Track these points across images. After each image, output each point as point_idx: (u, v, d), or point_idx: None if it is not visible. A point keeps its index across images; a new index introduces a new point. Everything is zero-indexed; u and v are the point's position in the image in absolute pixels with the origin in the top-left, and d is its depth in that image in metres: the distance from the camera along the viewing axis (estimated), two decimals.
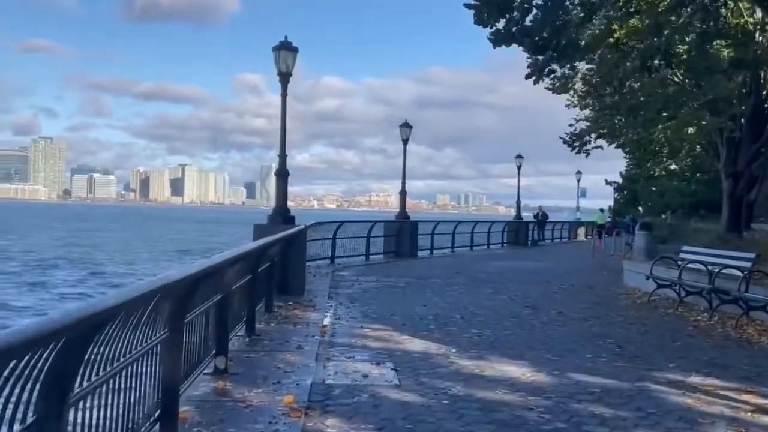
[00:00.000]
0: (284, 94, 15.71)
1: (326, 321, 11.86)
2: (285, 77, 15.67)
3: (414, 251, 28.93)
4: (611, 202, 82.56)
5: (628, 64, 24.33)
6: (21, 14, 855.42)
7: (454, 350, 9.57)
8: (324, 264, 23.04)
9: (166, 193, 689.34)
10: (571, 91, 32.49)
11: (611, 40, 21.83)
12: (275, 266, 13.13)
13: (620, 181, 73.22)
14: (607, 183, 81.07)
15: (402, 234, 28.40)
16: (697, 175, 52.08)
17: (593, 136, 34.58)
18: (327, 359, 8.82)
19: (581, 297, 16.10)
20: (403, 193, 29.91)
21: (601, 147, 36.00)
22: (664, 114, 31.98)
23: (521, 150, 44.95)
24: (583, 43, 23.29)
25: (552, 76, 30.41)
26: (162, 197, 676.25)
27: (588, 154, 35.80)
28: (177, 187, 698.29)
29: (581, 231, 57.54)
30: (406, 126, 29.54)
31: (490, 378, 7.97)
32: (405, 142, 29.35)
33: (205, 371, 7.45)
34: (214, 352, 7.73)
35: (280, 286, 14.61)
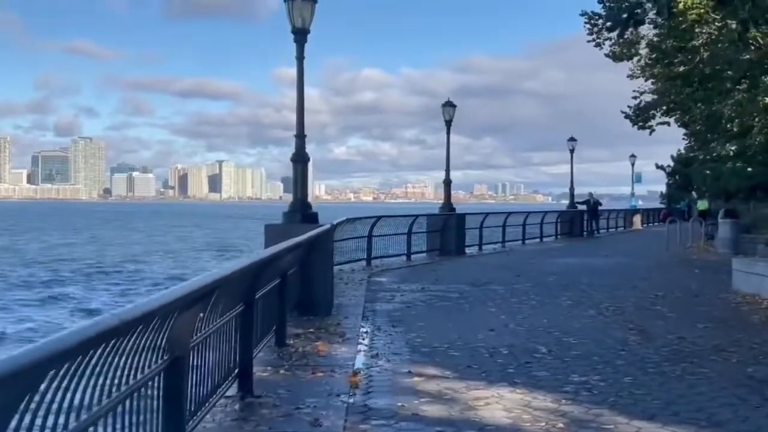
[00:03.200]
0: (301, 57, 12.24)
1: (359, 362, 8.38)
2: (301, 34, 12.19)
3: (461, 248, 25.36)
4: (663, 188, 78.00)
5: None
6: (64, 16, 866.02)
7: (560, 421, 6.04)
8: (359, 267, 19.61)
9: (204, 190, 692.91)
10: (635, 59, 28.58)
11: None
12: (290, 280, 9.70)
13: (672, 164, 68.86)
14: (658, 167, 76.48)
15: (447, 229, 24.83)
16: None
17: (659, 110, 30.66)
18: None
19: (692, 310, 12.38)
20: (447, 183, 26.33)
21: (668, 123, 32.06)
22: (742, 84, 28.06)
23: (562, 137, 41.10)
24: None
25: (613, 41, 26.64)
26: (200, 194, 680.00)
27: (652, 130, 31.90)
28: (214, 183, 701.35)
29: (637, 219, 53.33)
30: (450, 105, 25.93)
31: None
32: (448, 123, 25.76)
33: None
34: None
35: (300, 303, 11.20)
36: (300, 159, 12.08)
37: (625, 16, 19.43)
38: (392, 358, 8.59)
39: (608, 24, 21.77)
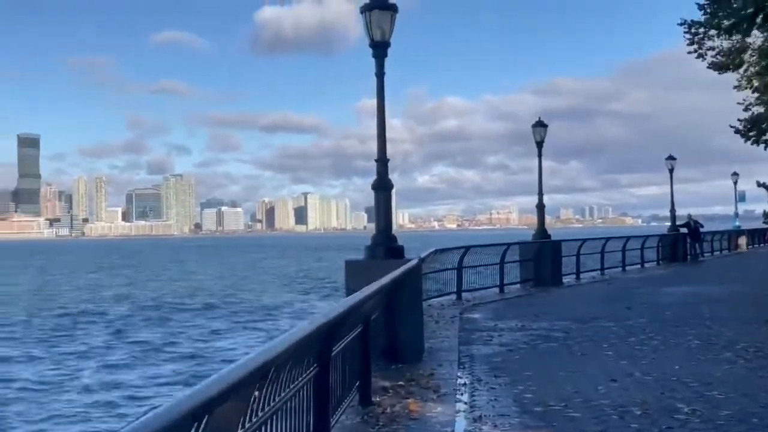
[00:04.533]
0: (381, 73, 10.98)
1: (459, 428, 6.93)
2: (381, 48, 10.94)
3: (558, 278, 23.54)
4: (766, 206, 73.51)
5: None
6: (154, 57, 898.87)
7: None
8: (448, 301, 18.13)
9: (290, 222, 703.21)
10: (742, 69, 26.34)
11: None
12: (374, 325, 8.36)
13: None
14: (760, 185, 72.23)
15: (542, 257, 23.09)
16: None
17: None
18: None
19: None
20: (540, 208, 24.59)
21: None
22: None
23: (649, 157, 38.60)
24: None
25: (717, 50, 24.56)
26: (287, 226, 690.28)
27: None
28: (300, 215, 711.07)
29: (742, 241, 49.93)
30: (540, 125, 24.30)
31: None
32: (540, 144, 24.11)
33: None
34: None
35: (386, 349, 9.84)
36: (382, 186, 10.75)
37: (751, 10, 17.42)
38: (499, 421, 7.10)
39: (725, 23, 19.78)
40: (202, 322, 33.75)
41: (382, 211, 10.73)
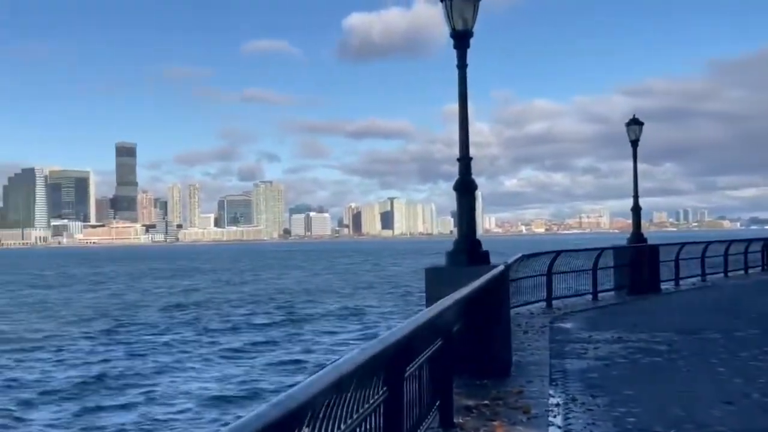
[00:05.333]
0: (463, 65, 10.23)
1: None
2: (462, 38, 10.19)
3: (656, 284, 22.15)
4: None
5: None
6: (243, 67, 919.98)
7: None
8: (538, 309, 17.14)
9: (377, 227, 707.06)
10: None
11: None
12: (456, 338, 7.60)
13: None
14: None
15: (638, 262, 21.76)
16: None
17: None
18: None
19: None
20: (636, 210, 23.23)
21: None
22: None
23: (748, 158, 36.24)
24: None
25: None
26: (373, 230, 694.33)
27: None
28: (387, 220, 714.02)
29: None
30: (635, 123, 22.97)
31: None
32: (635, 143, 22.80)
33: None
34: None
35: (470, 363, 9.05)
36: (465, 187, 9.96)
37: None
38: None
39: None
40: (290, 329, 33.61)
41: (465, 214, 9.95)
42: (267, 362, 24.15)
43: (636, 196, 22.97)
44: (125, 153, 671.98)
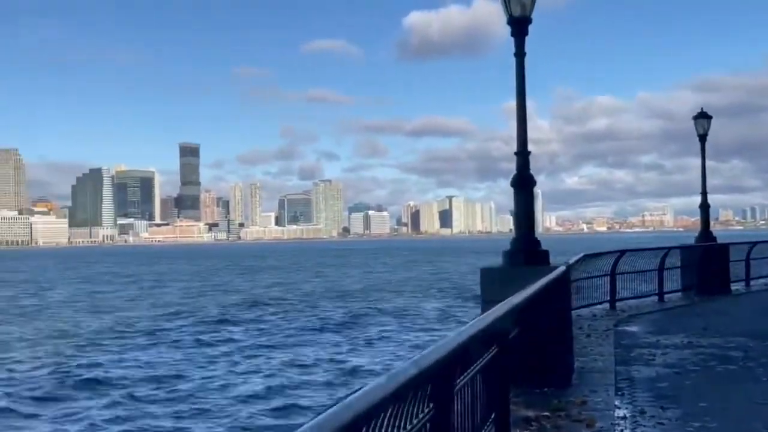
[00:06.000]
0: (521, 53, 9.68)
1: None
2: (520, 25, 9.63)
3: (726, 285, 21.09)
4: None
5: None
6: (304, 67, 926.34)
7: None
8: (600, 311, 16.41)
9: (435, 225, 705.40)
10: None
11: None
12: (512, 345, 7.05)
13: None
14: None
15: (707, 262, 20.76)
16: None
17: None
18: None
19: None
20: (705, 207, 22.19)
21: None
22: None
23: None
24: None
25: None
26: (432, 229, 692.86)
27: None
28: (445, 218, 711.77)
29: None
30: (703, 117, 21.94)
31: None
32: (702, 138, 21.77)
33: None
34: None
35: (529, 370, 8.48)
36: (523, 182, 9.39)
37: None
38: None
39: None
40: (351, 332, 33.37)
41: (522, 211, 9.38)
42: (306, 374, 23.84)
43: (704, 193, 21.95)
44: (189, 153, 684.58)
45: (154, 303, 48.87)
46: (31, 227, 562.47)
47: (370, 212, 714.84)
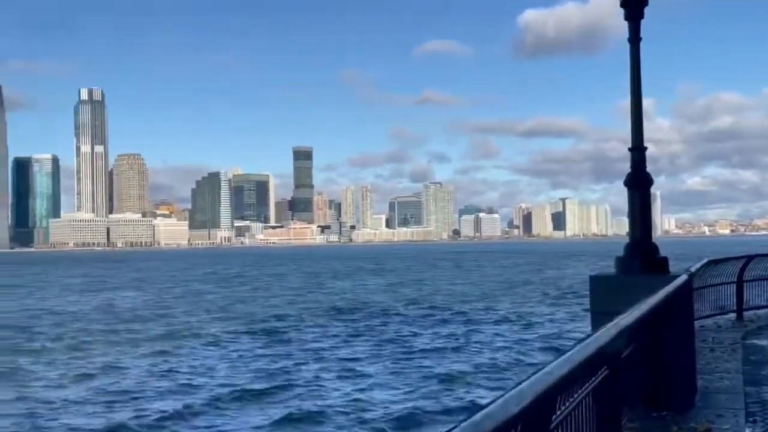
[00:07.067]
0: (636, 39, 8.78)
1: None
2: (635, 6, 8.73)
3: None
4: None
5: None
6: (415, 69, 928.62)
7: None
8: (726, 322, 15.05)
9: (548, 228, 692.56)
10: None
11: None
12: (626, 365, 6.23)
13: None
14: None
15: None
16: None
17: None
18: None
19: None
20: None
21: None
22: None
23: None
24: None
25: None
26: (544, 232, 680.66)
27: None
28: (558, 221, 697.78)
29: None
30: None
31: None
32: None
33: None
34: None
35: (644, 391, 7.59)
36: (638, 181, 8.49)
37: None
38: None
39: None
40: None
41: (637, 213, 8.46)
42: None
43: None
44: (302, 156, 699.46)
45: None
46: (153, 229, 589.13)
47: (481, 214, 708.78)
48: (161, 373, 24.34)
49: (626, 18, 8.83)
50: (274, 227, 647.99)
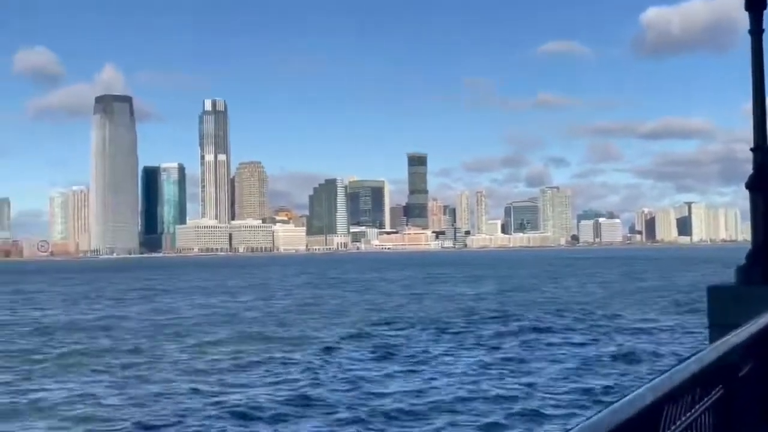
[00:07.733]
0: (758, 31, 8.15)
1: None
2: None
3: None
4: None
5: None
6: (532, 71, 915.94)
7: None
8: None
9: (672, 233, 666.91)
10: None
11: None
12: (743, 384, 5.72)
13: None
14: None
15: None
16: None
17: None
18: None
19: None
20: None
21: None
22: None
23: None
24: None
25: None
26: (669, 237, 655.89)
27: None
28: (684, 225, 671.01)
29: None
30: None
31: None
32: None
33: None
34: None
35: (762, 413, 6.98)
36: (761, 183, 7.86)
37: None
38: None
39: None
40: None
41: (760, 218, 7.84)
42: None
43: None
44: (416, 162, 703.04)
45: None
46: (273, 235, 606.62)
47: (601, 220, 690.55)
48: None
49: (746, 8, 8.21)
50: (389, 233, 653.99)
